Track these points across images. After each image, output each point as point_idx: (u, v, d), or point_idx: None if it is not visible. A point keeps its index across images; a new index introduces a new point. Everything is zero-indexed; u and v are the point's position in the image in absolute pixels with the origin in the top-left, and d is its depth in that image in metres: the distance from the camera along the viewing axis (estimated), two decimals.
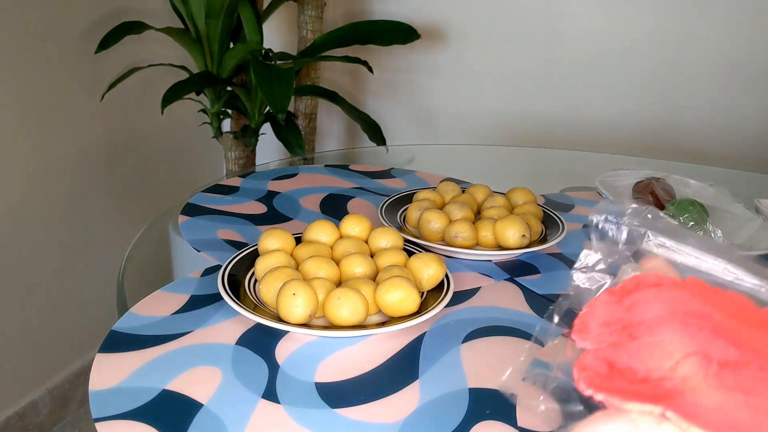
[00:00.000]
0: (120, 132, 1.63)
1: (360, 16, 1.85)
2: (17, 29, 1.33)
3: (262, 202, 0.91)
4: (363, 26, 1.58)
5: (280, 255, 0.67)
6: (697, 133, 1.67)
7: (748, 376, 0.30)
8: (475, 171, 1.19)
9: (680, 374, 0.31)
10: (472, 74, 1.81)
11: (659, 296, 0.35)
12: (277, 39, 1.93)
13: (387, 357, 0.59)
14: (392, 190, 0.96)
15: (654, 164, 1.24)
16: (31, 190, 1.43)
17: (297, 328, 0.59)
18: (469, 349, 0.61)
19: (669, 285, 0.36)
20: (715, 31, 1.58)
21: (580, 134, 1.75)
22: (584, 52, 1.69)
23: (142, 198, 1.76)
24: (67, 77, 1.46)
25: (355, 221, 0.75)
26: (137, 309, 0.64)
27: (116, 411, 0.50)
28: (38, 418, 1.53)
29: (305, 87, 1.60)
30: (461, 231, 0.77)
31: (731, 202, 0.87)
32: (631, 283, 0.36)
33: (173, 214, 0.88)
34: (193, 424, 0.49)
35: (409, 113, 1.91)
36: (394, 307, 0.62)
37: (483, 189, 0.89)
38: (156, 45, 1.65)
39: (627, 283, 0.36)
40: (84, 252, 1.59)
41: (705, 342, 0.32)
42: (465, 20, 1.78)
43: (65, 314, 1.57)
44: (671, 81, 1.66)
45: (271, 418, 0.50)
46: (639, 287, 0.36)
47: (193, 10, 1.42)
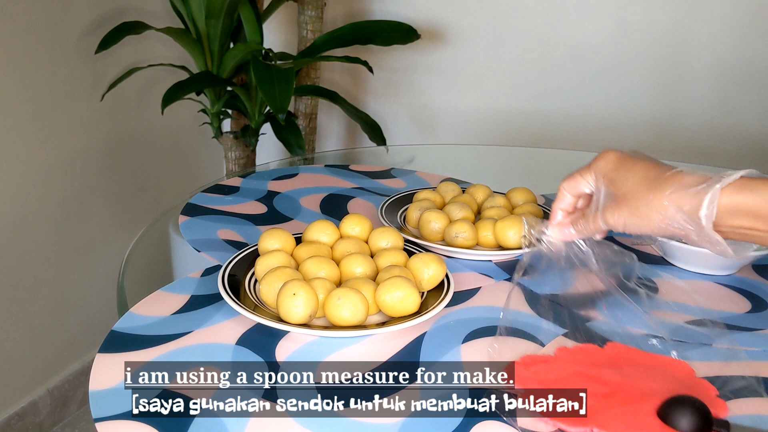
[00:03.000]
0: (120, 132, 1.63)
1: (360, 16, 1.85)
2: (18, 29, 1.33)
3: (262, 202, 0.91)
4: (363, 26, 1.58)
5: (280, 255, 0.67)
6: (696, 132, 1.67)
7: (617, 399, 0.54)
8: (475, 171, 1.19)
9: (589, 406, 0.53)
10: (472, 74, 1.81)
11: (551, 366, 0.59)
12: (277, 39, 1.93)
13: (387, 357, 0.59)
14: (392, 190, 0.96)
15: None
16: (31, 190, 1.43)
17: (297, 328, 0.59)
18: (469, 349, 0.61)
19: (554, 358, 0.60)
20: (714, 30, 1.58)
21: (580, 134, 1.75)
22: (584, 52, 1.69)
23: (142, 198, 1.76)
24: (67, 77, 1.46)
25: (355, 221, 0.75)
26: (137, 309, 0.64)
27: (116, 411, 0.50)
28: (38, 418, 1.53)
29: (305, 87, 1.60)
30: (461, 231, 0.77)
31: None
32: (529, 359, 0.60)
33: (173, 214, 0.88)
34: (193, 424, 0.49)
35: (409, 113, 1.91)
36: (394, 307, 0.62)
37: (483, 189, 0.89)
38: (156, 45, 1.65)
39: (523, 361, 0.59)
40: (84, 252, 1.59)
41: (589, 385, 0.55)
42: (465, 20, 1.78)
43: (65, 314, 1.57)
44: (671, 81, 1.66)
45: (271, 418, 0.50)
46: (536, 361, 0.59)
47: (193, 10, 1.42)
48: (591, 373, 0.57)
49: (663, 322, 0.66)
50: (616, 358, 0.60)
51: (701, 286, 0.76)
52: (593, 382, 0.55)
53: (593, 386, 0.55)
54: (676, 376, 0.58)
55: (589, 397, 0.53)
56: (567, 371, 0.57)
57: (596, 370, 0.57)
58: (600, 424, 0.51)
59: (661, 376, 0.57)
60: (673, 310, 0.69)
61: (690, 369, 0.59)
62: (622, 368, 0.58)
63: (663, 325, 0.66)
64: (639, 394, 0.54)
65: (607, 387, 0.55)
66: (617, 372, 0.57)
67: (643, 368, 0.58)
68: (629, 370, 0.58)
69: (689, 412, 0.50)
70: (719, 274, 0.78)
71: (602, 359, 0.60)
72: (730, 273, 0.79)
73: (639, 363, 0.59)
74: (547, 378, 0.56)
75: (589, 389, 0.53)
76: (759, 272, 0.80)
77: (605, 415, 0.52)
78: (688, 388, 0.55)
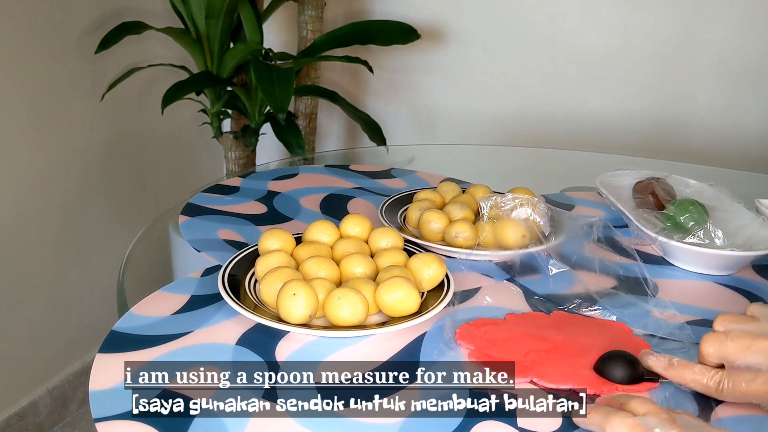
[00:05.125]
0: (120, 132, 1.63)
1: (360, 16, 1.85)
2: (18, 29, 1.33)
3: (263, 202, 0.91)
4: (363, 26, 1.58)
5: (280, 255, 0.67)
6: (697, 132, 1.67)
7: (558, 354, 0.60)
8: (475, 171, 1.19)
9: (529, 359, 0.59)
10: (472, 74, 1.81)
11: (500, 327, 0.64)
12: (277, 39, 1.93)
13: (387, 357, 0.59)
14: (392, 190, 0.96)
15: (654, 164, 1.24)
16: (31, 190, 1.43)
17: (297, 328, 0.59)
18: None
19: (503, 321, 0.66)
20: (715, 30, 1.58)
21: (580, 134, 1.75)
22: (584, 51, 1.69)
23: (142, 198, 1.76)
24: (67, 77, 1.46)
25: (356, 221, 0.75)
26: (137, 309, 0.64)
27: (116, 411, 0.50)
28: (38, 418, 1.53)
29: (305, 87, 1.60)
30: (461, 231, 0.77)
31: (731, 202, 0.87)
32: (480, 321, 0.65)
33: (173, 214, 0.88)
34: (193, 424, 0.49)
35: (409, 113, 1.91)
36: (394, 307, 0.62)
37: (483, 189, 0.89)
38: (156, 45, 1.65)
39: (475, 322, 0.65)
40: (84, 252, 1.59)
41: (533, 343, 0.61)
42: (465, 20, 1.77)
43: (65, 314, 1.57)
44: (671, 81, 1.66)
45: (271, 418, 0.50)
46: (486, 323, 0.65)
47: (193, 10, 1.42)
48: (536, 333, 0.63)
49: (663, 322, 0.66)
50: (560, 321, 0.66)
51: (701, 286, 0.76)
52: (537, 340, 0.61)
53: (536, 343, 0.61)
54: (613, 335, 0.64)
55: (533, 353, 0.59)
56: (514, 331, 0.63)
57: (541, 331, 0.63)
58: (539, 374, 0.57)
59: (599, 335, 0.63)
60: (673, 310, 0.69)
61: (627, 329, 0.65)
62: (564, 329, 0.64)
63: (663, 325, 0.66)
64: (578, 350, 0.60)
65: (550, 344, 0.61)
66: (560, 332, 0.63)
67: (584, 328, 0.65)
68: (571, 329, 0.64)
69: (621, 365, 0.57)
70: (719, 274, 0.78)
71: (547, 322, 0.66)
72: (730, 273, 0.79)
73: (580, 324, 0.66)
74: (495, 337, 0.62)
75: (532, 346, 0.60)
76: (759, 272, 0.80)
77: (545, 367, 0.58)
78: (623, 345, 0.60)
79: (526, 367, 0.57)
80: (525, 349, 0.60)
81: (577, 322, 0.66)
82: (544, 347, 0.60)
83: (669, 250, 0.80)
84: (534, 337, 0.62)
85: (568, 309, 0.69)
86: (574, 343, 0.61)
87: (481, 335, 0.62)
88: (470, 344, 0.61)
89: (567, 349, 0.60)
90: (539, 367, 0.57)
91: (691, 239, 0.79)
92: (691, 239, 0.79)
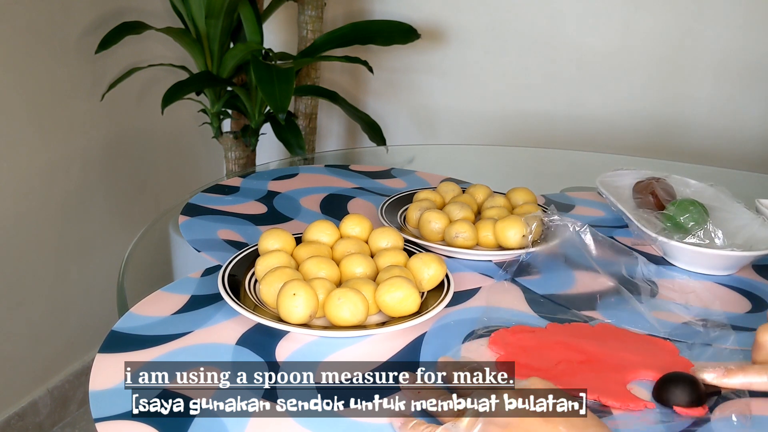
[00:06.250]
0: (120, 132, 1.63)
1: (360, 16, 1.85)
2: (18, 29, 1.33)
3: (263, 202, 0.91)
4: (363, 26, 1.58)
5: (280, 255, 0.67)
6: (697, 132, 1.66)
7: (590, 366, 0.57)
8: (475, 171, 1.19)
9: (558, 369, 0.56)
10: (472, 74, 1.81)
11: (536, 335, 0.62)
12: (277, 39, 1.93)
13: (387, 357, 0.59)
14: (392, 190, 0.96)
15: (654, 164, 1.24)
16: (31, 190, 1.43)
17: (297, 328, 0.59)
18: (469, 349, 0.61)
19: (542, 330, 0.63)
20: (715, 31, 1.58)
21: (580, 134, 1.75)
22: (585, 51, 1.69)
23: (142, 198, 1.76)
24: (67, 77, 1.46)
25: (356, 221, 0.75)
26: (137, 309, 0.64)
27: (116, 411, 0.50)
28: (38, 418, 1.53)
29: (305, 87, 1.59)
30: (461, 231, 0.77)
31: (731, 202, 0.87)
32: (518, 328, 0.63)
33: (173, 214, 0.88)
34: (193, 424, 0.49)
35: (409, 113, 1.91)
36: (394, 307, 0.62)
37: (483, 189, 0.89)
38: (156, 45, 1.65)
39: (512, 329, 0.63)
40: (84, 252, 1.59)
41: (567, 353, 0.58)
42: (465, 20, 1.77)
43: (65, 314, 1.57)
44: (671, 81, 1.65)
45: (271, 418, 0.50)
46: (524, 330, 0.63)
47: (193, 10, 1.42)
48: (573, 343, 0.60)
49: (663, 322, 0.66)
50: (603, 333, 0.63)
51: (701, 286, 0.76)
52: (571, 351, 0.59)
53: (570, 354, 0.58)
54: (657, 353, 0.60)
55: (564, 363, 0.57)
56: (550, 340, 0.61)
57: (579, 341, 0.60)
58: (564, 385, 0.53)
59: (641, 351, 0.60)
60: (673, 310, 0.69)
61: (674, 347, 0.61)
62: (605, 342, 0.61)
63: (663, 325, 0.66)
64: (613, 364, 0.57)
65: (584, 355, 0.58)
66: (599, 344, 0.60)
67: (626, 343, 0.61)
68: (612, 343, 0.61)
69: (681, 387, 0.52)
70: (719, 274, 0.78)
71: (589, 333, 0.63)
72: (730, 273, 0.79)
73: (624, 339, 0.63)
74: (528, 344, 0.60)
75: (564, 356, 0.57)
76: (759, 272, 0.80)
77: (573, 378, 0.55)
78: (668, 364, 0.57)
79: (553, 377, 0.55)
80: (556, 359, 0.58)
81: (621, 336, 0.63)
82: (577, 358, 0.58)
83: (669, 250, 0.80)
84: (569, 347, 0.60)
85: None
86: (611, 357, 0.59)
87: (514, 342, 0.61)
88: (501, 350, 0.59)
89: (601, 363, 0.58)
90: (566, 377, 0.55)
91: (691, 239, 0.79)
92: (691, 239, 0.79)
